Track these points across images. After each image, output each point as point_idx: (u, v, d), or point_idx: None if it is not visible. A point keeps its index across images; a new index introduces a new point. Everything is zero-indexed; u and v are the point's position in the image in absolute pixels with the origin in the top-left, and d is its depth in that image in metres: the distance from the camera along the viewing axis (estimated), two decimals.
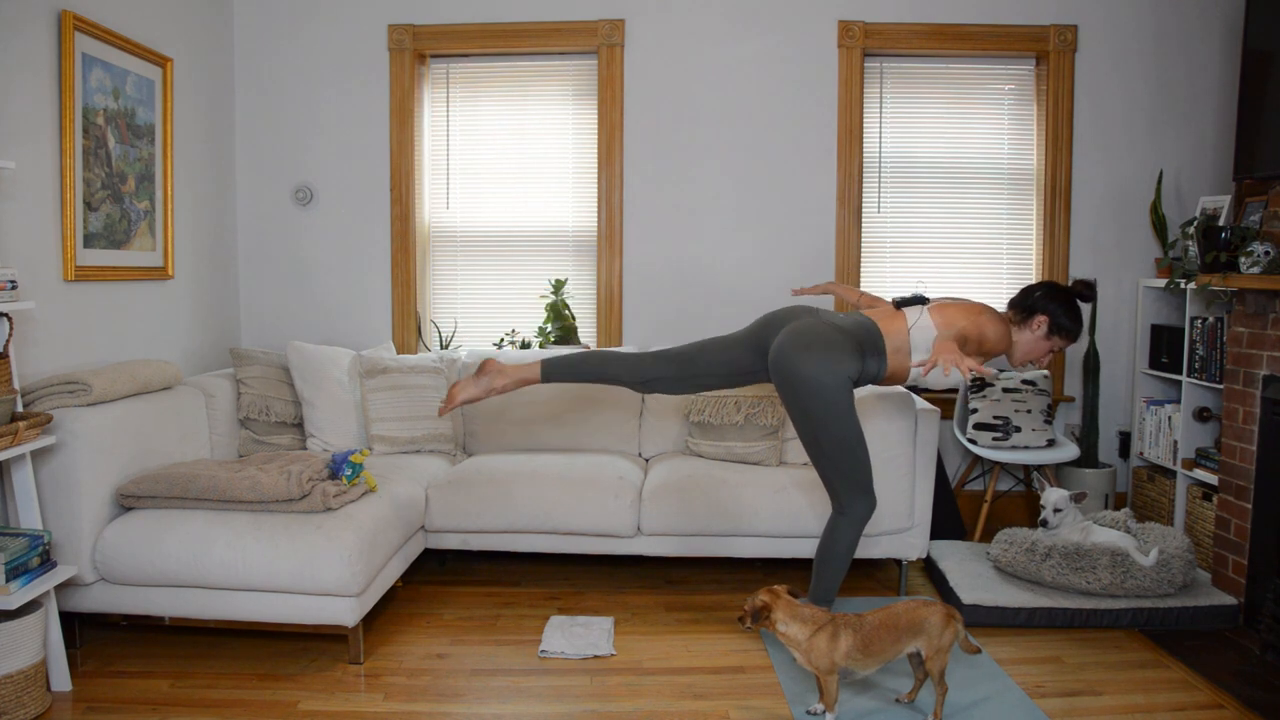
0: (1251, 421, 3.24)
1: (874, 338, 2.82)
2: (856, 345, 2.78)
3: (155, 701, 2.63)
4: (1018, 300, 2.92)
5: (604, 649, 2.96)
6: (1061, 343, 2.88)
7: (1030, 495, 4.36)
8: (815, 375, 2.70)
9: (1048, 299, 2.87)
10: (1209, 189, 4.21)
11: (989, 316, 2.84)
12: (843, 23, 4.22)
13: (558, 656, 2.93)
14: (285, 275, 4.40)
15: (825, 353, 2.72)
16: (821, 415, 2.72)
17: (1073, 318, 2.86)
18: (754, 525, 3.38)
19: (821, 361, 2.71)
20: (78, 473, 2.78)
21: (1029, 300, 2.89)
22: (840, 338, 2.77)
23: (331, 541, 2.78)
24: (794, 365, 2.73)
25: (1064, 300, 2.86)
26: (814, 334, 2.77)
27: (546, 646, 2.98)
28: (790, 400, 2.78)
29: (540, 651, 2.96)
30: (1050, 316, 2.85)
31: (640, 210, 4.32)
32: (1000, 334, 2.82)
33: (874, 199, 4.35)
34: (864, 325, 2.85)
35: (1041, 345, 2.88)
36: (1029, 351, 2.89)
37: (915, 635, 2.44)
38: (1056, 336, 2.87)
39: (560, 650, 2.95)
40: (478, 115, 4.43)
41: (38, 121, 3.00)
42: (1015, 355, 2.92)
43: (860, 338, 2.81)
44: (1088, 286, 2.89)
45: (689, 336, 4.27)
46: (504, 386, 3.02)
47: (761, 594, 2.43)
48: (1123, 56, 4.23)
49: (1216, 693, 2.70)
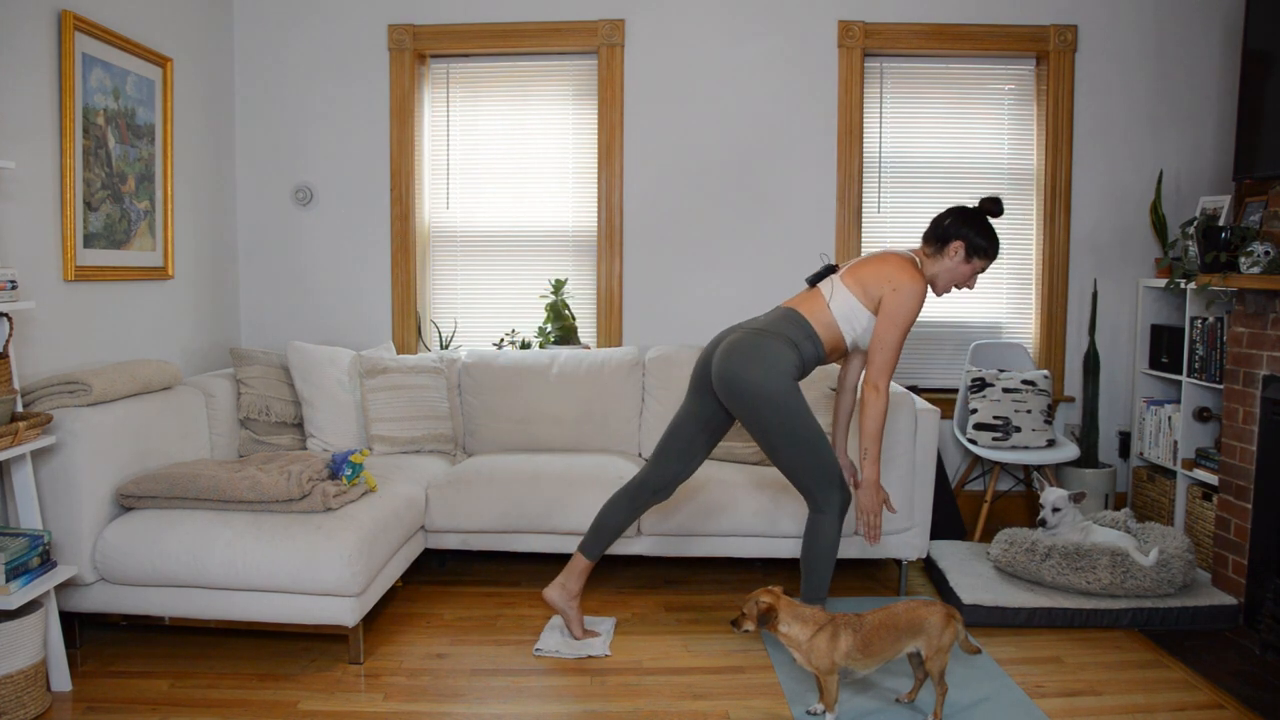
0: (1251, 421, 3.24)
1: (798, 323, 2.83)
2: (784, 338, 2.79)
3: (155, 701, 2.63)
4: (930, 232, 2.90)
5: (598, 650, 2.95)
6: (982, 263, 2.86)
7: (1030, 495, 4.36)
8: (758, 383, 2.72)
9: (958, 223, 2.84)
10: (1209, 189, 4.21)
11: (894, 264, 2.81)
12: (843, 23, 4.22)
13: (552, 655, 2.93)
14: (285, 275, 4.40)
15: (760, 359, 2.74)
16: (776, 420, 2.74)
17: (987, 236, 2.84)
18: (754, 525, 3.38)
19: (759, 368, 2.73)
20: (78, 473, 2.78)
21: (940, 230, 2.86)
22: (768, 338, 2.79)
23: (331, 541, 2.78)
24: (736, 382, 2.75)
25: (975, 222, 2.84)
26: (743, 346, 2.79)
27: (542, 645, 2.98)
28: (745, 416, 2.80)
29: (535, 650, 2.96)
30: (965, 240, 2.82)
31: (640, 210, 4.32)
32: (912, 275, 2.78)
33: (874, 199, 4.35)
34: (785, 316, 2.86)
35: (963, 270, 2.86)
36: (953, 277, 2.87)
37: (915, 635, 2.44)
38: (976, 258, 2.84)
39: (555, 649, 2.95)
40: (478, 115, 4.43)
41: (38, 121, 3.00)
42: (939, 286, 2.90)
43: (784, 330, 2.81)
44: (994, 202, 2.87)
45: (689, 337, 4.29)
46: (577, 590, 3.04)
47: (763, 596, 2.43)
48: (1123, 56, 4.23)
49: (1216, 693, 2.70)
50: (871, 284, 2.80)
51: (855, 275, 2.85)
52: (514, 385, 3.96)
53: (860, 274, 2.84)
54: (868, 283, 2.81)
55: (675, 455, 2.98)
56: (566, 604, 3.03)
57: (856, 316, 2.82)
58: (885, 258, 2.86)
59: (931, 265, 2.87)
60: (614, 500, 3.03)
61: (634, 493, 3.01)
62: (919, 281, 2.78)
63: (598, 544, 3.02)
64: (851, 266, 2.90)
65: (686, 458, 2.98)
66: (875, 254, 2.92)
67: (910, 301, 2.75)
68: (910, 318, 2.76)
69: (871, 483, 2.79)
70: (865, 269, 2.85)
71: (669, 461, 2.98)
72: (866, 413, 2.74)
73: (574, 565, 3.03)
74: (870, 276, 2.81)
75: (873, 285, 2.80)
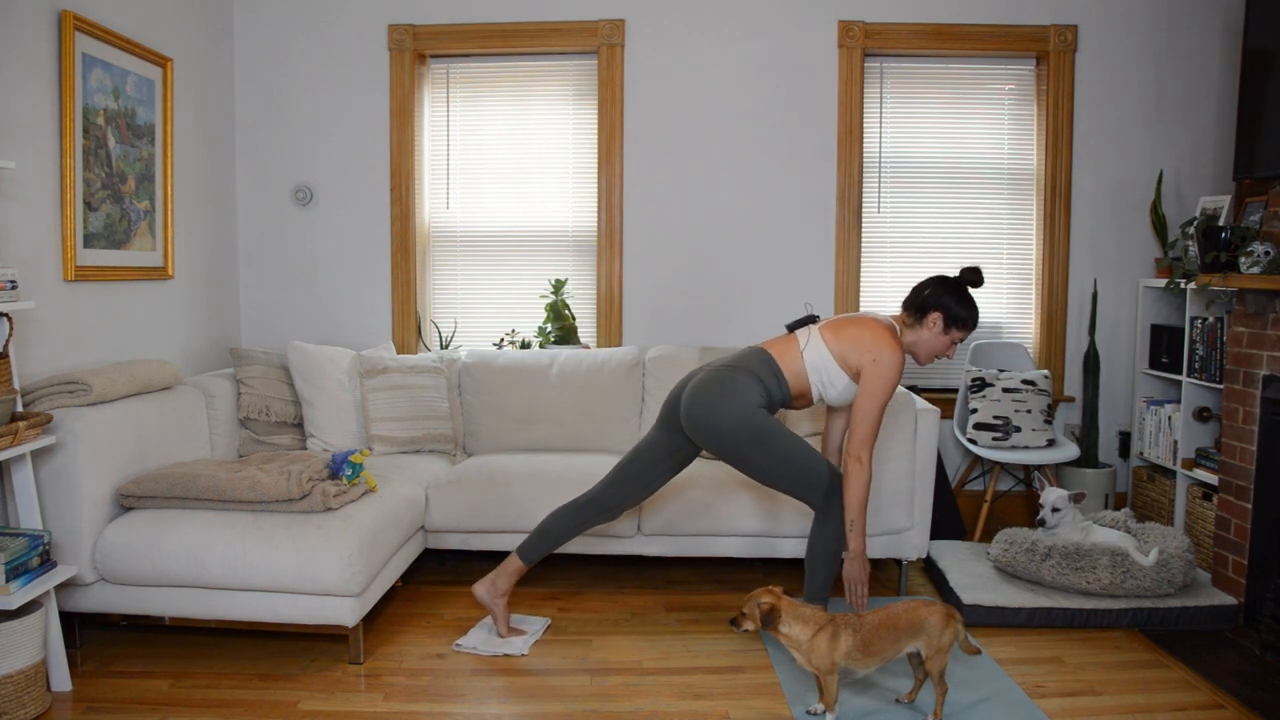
0: (1251, 421, 3.24)
1: (765, 361, 2.86)
2: (752, 374, 2.82)
3: (155, 701, 2.63)
4: (910, 300, 2.90)
5: (516, 649, 2.95)
6: (960, 334, 2.86)
7: (1030, 495, 4.36)
8: (728, 417, 2.76)
9: (938, 293, 2.84)
10: (1209, 189, 4.21)
11: (875, 333, 2.80)
12: (843, 23, 4.22)
13: (470, 652, 2.95)
14: (285, 275, 4.40)
15: (726, 393, 2.78)
16: (753, 449, 2.77)
17: (966, 306, 2.84)
18: (754, 525, 3.38)
19: (727, 402, 2.76)
20: (78, 473, 2.78)
21: (920, 299, 2.86)
22: (735, 374, 2.82)
23: (331, 541, 2.78)
24: (706, 419, 2.78)
25: (954, 291, 2.84)
26: (710, 382, 2.82)
27: (463, 641, 3.00)
28: (719, 449, 2.83)
29: (454, 645, 2.98)
30: (944, 311, 2.83)
31: (640, 210, 4.32)
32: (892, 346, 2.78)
33: (874, 199, 4.35)
34: (752, 354, 2.90)
35: (941, 341, 2.86)
36: (931, 349, 2.87)
37: (915, 635, 2.44)
38: (954, 329, 2.84)
39: (473, 646, 2.97)
40: (478, 115, 4.43)
41: (38, 121, 3.00)
42: (919, 355, 2.91)
43: (751, 366, 2.85)
44: (975, 272, 2.87)
45: (689, 337, 4.29)
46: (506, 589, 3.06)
47: (764, 597, 2.43)
48: (1123, 56, 4.23)
49: (1216, 693, 2.70)
50: (851, 351, 2.81)
51: (835, 333, 2.86)
52: (514, 385, 3.96)
53: (841, 335, 2.85)
54: (847, 348, 2.82)
55: (632, 480, 3.00)
56: (493, 601, 3.04)
57: (828, 373, 2.84)
58: (866, 323, 2.86)
59: (910, 334, 2.88)
60: (561, 511, 3.05)
61: (582, 508, 3.02)
62: (898, 353, 2.79)
63: (537, 550, 3.04)
64: (833, 323, 2.91)
65: (642, 485, 3.01)
66: (857, 317, 2.92)
67: (890, 374, 2.75)
68: (891, 389, 2.77)
69: (858, 554, 2.79)
70: (846, 331, 2.85)
71: (624, 485, 3.00)
72: (850, 485, 2.75)
73: (507, 565, 3.05)
74: (850, 343, 2.82)
75: (852, 353, 2.81)
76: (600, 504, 3.01)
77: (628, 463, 3.02)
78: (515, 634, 3.05)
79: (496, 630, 3.05)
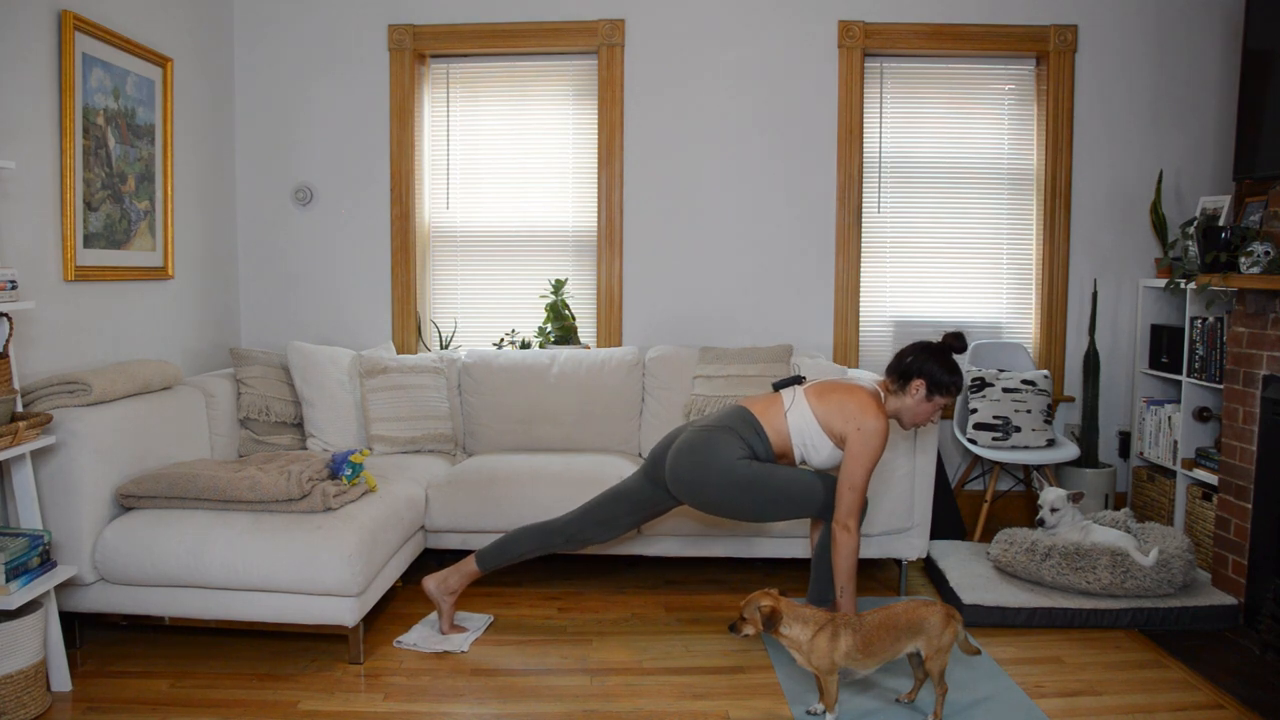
0: (1251, 421, 3.24)
1: (747, 420, 2.88)
2: (732, 432, 2.85)
3: (155, 701, 2.63)
4: (893, 366, 2.89)
5: (456, 647, 2.96)
6: (944, 400, 2.85)
7: (1030, 495, 4.36)
8: (713, 475, 2.80)
9: (921, 360, 2.83)
10: (1209, 189, 4.21)
11: (860, 401, 2.81)
12: (843, 23, 4.22)
13: (411, 648, 2.96)
14: (285, 275, 4.40)
15: (708, 450, 2.81)
16: (746, 497, 2.81)
17: (950, 372, 2.83)
18: (754, 525, 3.37)
19: (713, 464, 2.80)
20: (78, 473, 2.78)
21: (902, 365, 2.86)
22: (717, 434, 2.85)
23: (331, 541, 2.78)
24: (694, 482, 2.83)
25: (937, 357, 2.83)
26: (691, 445, 2.85)
27: (404, 638, 3.01)
28: (713, 506, 2.88)
29: (395, 641, 2.99)
30: (927, 378, 2.81)
31: (640, 210, 4.32)
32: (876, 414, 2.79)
33: (874, 199, 4.35)
34: (733, 412, 2.93)
35: (925, 408, 2.85)
36: (915, 415, 2.87)
37: (915, 635, 2.44)
38: (938, 395, 2.83)
39: (414, 643, 2.98)
40: (478, 115, 4.43)
41: (38, 121, 3.00)
42: (904, 422, 2.91)
43: (732, 424, 2.87)
44: (957, 338, 2.87)
45: (689, 337, 4.29)
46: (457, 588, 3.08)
47: (763, 600, 2.43)
48: (1122, 56, 4.23)
49: (1216, 693, 2.70)
50: (836, 418, 2.83)
51: (821, 397, 2.87)
52: (514, 385, 3.96)
53: (826, 400, 2.86)
54: (832, 415, 2.83)
55: (600, 521, 3.03)
56: (442, 598, 3.06)
57: (810, 435, 2.86)
58: (852, 390, 2.87)
59: (894, 401, 2.88)
60: (527, 530, 3.07)
61: (547, 533, 3.05)
62: (882, 420, 2.80)
63: (494, 560, 3.06)
64: (818, 386, 2.92)
65: (610, 527, 3.04)
66: (843, 383, 2.93)
67: (875, 441, 2.77)
68: (876, 457, 2.78)
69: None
70: (832, 397, 2.86)
71: (592, 523, 3.03)
72: (839, 553, 2.76)
73: (463, 566, 3.07)
74: (835, 409, 2.83)
75: (837, 420, 2.82)
76: (565, 533, 3.05)
77: (599, 504, 3.05)
78: (457, 631, 3.07)
79: (439, 626, 3.07)
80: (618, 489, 3.06)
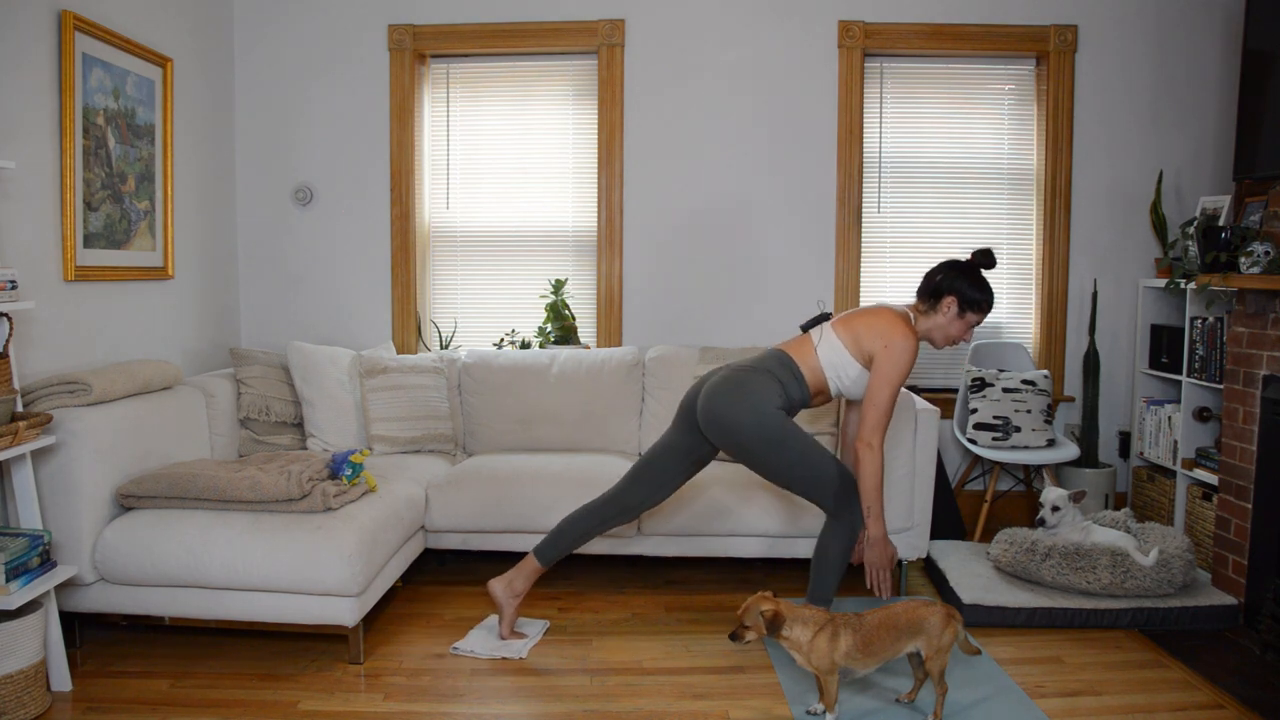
0: (1251, 421, 3.24)
1: (785, 363, 2.86)
2: (771, 376, 2.82)
3: (155, 701, 2.63)
4: (923, 287, 2.90)
5: (515, 653, 2.94)
6: (976, 318, 2.86)
7: (1030, 495, 4.36)
8: (747, 419, 2.75)
9: (950, 278, 2.84)
10: (1209, 189, 4.21)
11: (888, 320, 2.81)
12: (843, 23, 4.22)
13: (468, 655, 2.93)
14: (285, 275, 4.40)
15: (745, 395, 2.77)
16: (769, 450, 2.77)
17: (980, 289, 2.84)
18: (754, 525, 3.38)
19: (745, 404, 2.76)
20: (78, 473, 2.78)
21: (932, 285, 2.87)
22: (754, 375, 2.81)
23: (331, 541, 2.78)
24: (724, 419, 2.78)
25: (968, 275, 2.84)
26: (728, 384, 2.81)
27: (460, 644, 2.98)
28: (737, 450, 2.83)
29: (452, 648, 2.96)
30: (958, 295, 2.83)
31: (640, 210, 4.32)
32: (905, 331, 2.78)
33: (874, 199, 4.35)
34: (771, 356, 2.90)
35: (957, 325, 2.86)
36: (947, 334, 2.88)
37: (914, 635, 2.44)
38: (970, 312, 2.85)
39: (471, 649, 2.95)
40: (478, 115, 4.43)
41: (38, 121, 3.00)
42: (935, 341, 2.91)
43: (771, 368, 2.84)
44: (986, 254, 2.87)
45: (689, 337, 4.29)
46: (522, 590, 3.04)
47: (764, 605, 2.41)
48: (1123, 56, 4.23)
49: (1216, 693, 2.70)
50: (865, 338, 2.81)
51: (848, 326, 2.86)
52: (514, 385, 3.96)
53: (853, 326, 2.85)
54: (860, 336, 2.82)
55: (649, 481, 2.99)
56: (508, 601, 3.03)
57: (844, 366, 2.84)
58: (879, 312, 2.86)
59: (925, 321, 2.88)
60: (581, 513, 3.04)
61: (601, 509, 3.02)
62: (911, 338, 2.79)
63: (554, 551, 3.03)
64: (845, 317, 2.92)
65: (660, 486, 3.00)
66: (870, 307, 2.93)
67: (903, 358, 2.75)
68: (903, 375, 2.77)
69: (879, 539, 2.80)
70: (859, 321, 2.86)
71: (642, 486, 2.99)
72: (863, 470, 2.76)
73: (525, 566, 3.04)
74: (864, 330, 2.82)
75: (865, 340, 2.81)
76: (618, 504, 3.00)
77: (645, 465, 3.01)
78: (516, 637, 3.05)
79: (499, 630, 3.04)
80: (656, 448, 3.02)
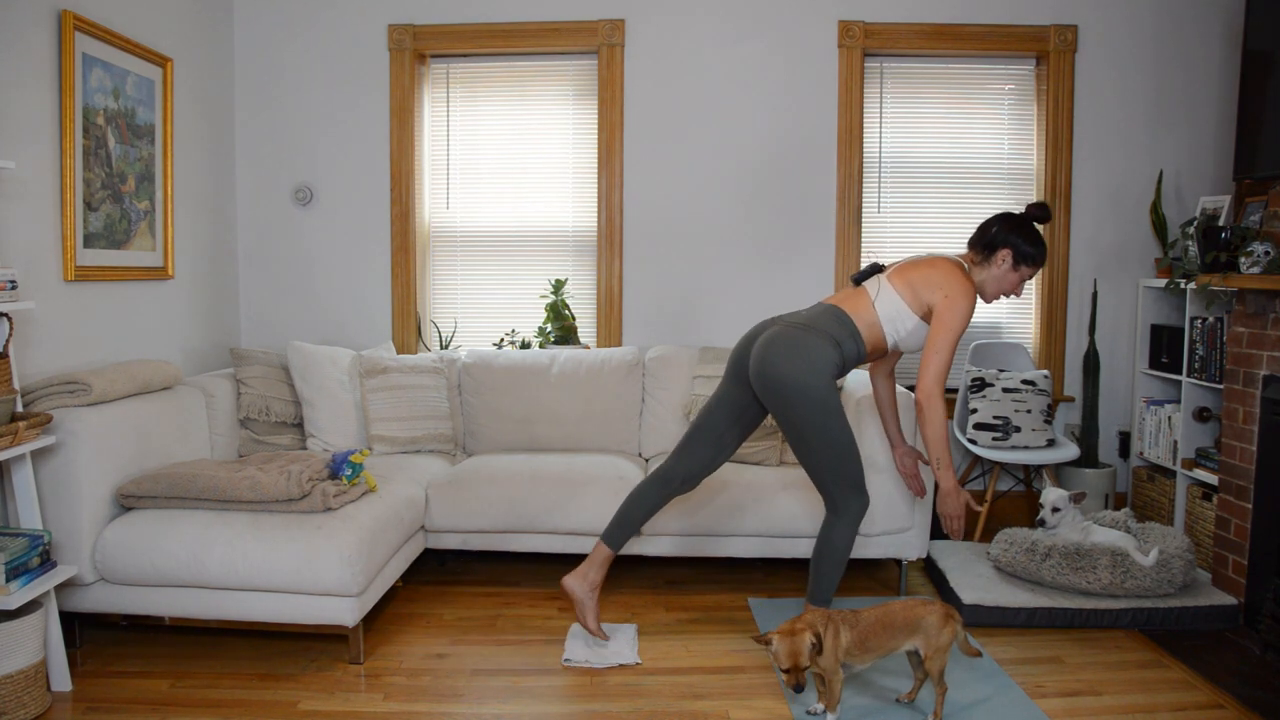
0: (1251, 421, 3.24)
1: (841, 320, 2.81)
2: (827, 335, 2.77)
3: (155, 701, 2.63)
4: (976, 239, 2.89)
5: (629, 658, 2.90)
6: (1029, 271, 2.86)
7: (1030, 495, 4.36)
8: (798, 378, 2.70)
9: (1006, 230, 2.83)
10: (1209, 189, 4.21)
11: (945, 270, 2.80)
12: (843, 23, 4.22)
13: (582, 665, 2.87)
14: (285, 275, 4.40)
15: (800, 354, 2.72)
16: (810, 416, 2.72)
17: (1034, 243, 2.83)
18: (755, 525, 3.38)
19: (799, 364, 2.71)
20: (78, 473, 2.78)
21: (987, 237, 2.85)
22: (810, 334, 2.76)
23: (331, 541, 2.78)
24: (775, 374, 2.73)
25: (1022, 229, 2.83)
26: (784, 340, 2.76)
27: (570, 655, 2.91)
28: (779, 408, 2.78)
29: (564, 660, 2.90)
30: (1013, 248, 2.82)
31: (640, 210, 4.32)
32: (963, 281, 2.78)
33: (874, 199, 4.35)
34: (828, 312, 2.85)
35: (1010, 278, 2.85)
36: (999, 287, 2.87)
37: (912, 634, 2.45)
38: (1024, 265, 2.84)
39: (585, 660, 2.88)
40: (478, 115, 4.43)
41: (38, 121, 3.00)
42: (987, 293, 2.89)
43: (827, 326, 2.79)
44: (1041, 207, 2.86)
45: (689, 337, 4.29)
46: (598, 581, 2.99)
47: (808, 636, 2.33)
48: (1123, 56, 4.23)
49: (1216, 693, 2.70)
50: (923, 289, 2.79)
51: (904, 278, 2.83)
52: (514, 385, 3.96)
53: (909, 277, 2.82)
54: (918, 287, 2.79)
55: (704, 444, 2.93)
56: (586, 594, 2.96)
57: (901, 319, 2.81)
58: (934, 262, 2.84)
59: (979, 272, 2.87)
60: (640, 491, 2.99)
61: (659, 484, 2.97)
62: (970, 287, 2.78)
63: (621, 534, 2.98)
64: (899, 268, 2.88)
65: (716, 448, 2.94)
66: (924, 258, 2.90)
67: (963, 304, 2.74)
68: (963, 324, 2.74)
69: (950, 489, 2.76)
70: (915, 272, 2.83)
71: (697, 450, 2.94)
72: (929, 420, 2.72)
73: (596, 555, 2.98)
74: (921, 281, 2.80)
75: (924, 291, 2.79)
76: (679, 475, 2.95)
77: (696, 429, 2.96)
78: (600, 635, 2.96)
79: (587, 623, 2.95)
80: (707, 407, 2.97)
